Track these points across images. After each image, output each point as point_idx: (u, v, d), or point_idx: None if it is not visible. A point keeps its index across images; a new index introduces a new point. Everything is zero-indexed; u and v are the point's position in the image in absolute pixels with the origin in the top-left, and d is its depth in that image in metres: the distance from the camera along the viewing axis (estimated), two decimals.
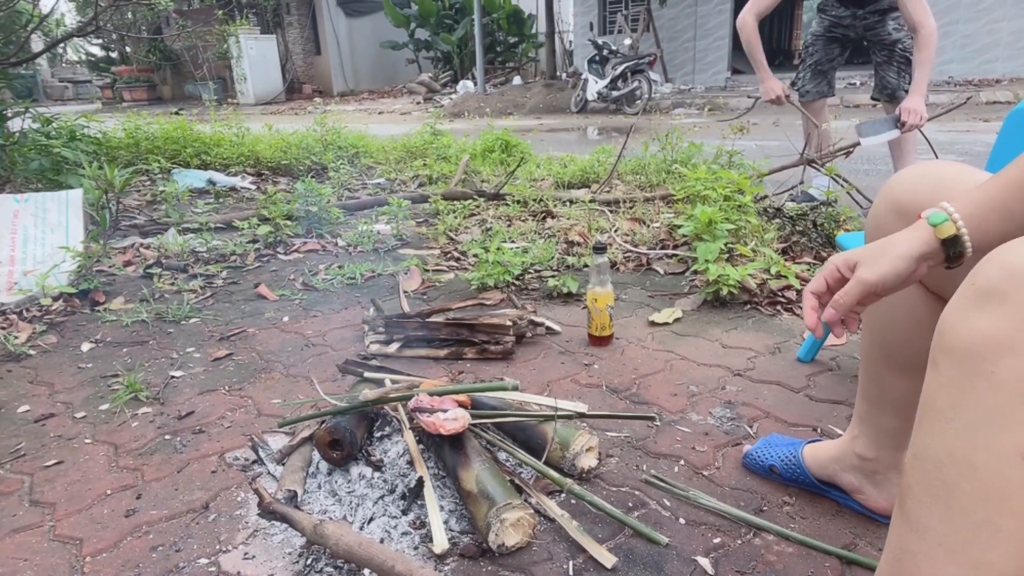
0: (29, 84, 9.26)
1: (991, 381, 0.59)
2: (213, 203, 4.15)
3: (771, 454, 1.27)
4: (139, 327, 2.23)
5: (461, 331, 1.90)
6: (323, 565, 1.08)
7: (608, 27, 14.68)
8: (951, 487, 0.62)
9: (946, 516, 0.63)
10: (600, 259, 1.87)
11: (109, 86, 20.19)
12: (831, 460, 1.17)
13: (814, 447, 1.22)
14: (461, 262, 2.83)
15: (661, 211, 3.31)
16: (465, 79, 15.05)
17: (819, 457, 1.20)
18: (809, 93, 3.32)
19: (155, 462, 1.43)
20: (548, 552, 1.10)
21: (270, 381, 1.80)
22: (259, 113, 13.12)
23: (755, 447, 1.31)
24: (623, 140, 4.09)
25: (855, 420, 1.14)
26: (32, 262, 2.60)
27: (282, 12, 18.84)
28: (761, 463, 1.27)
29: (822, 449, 1.21)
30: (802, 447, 1.24)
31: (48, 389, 1.81)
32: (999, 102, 8.33)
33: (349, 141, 5.48)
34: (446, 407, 1.27)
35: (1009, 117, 1.30)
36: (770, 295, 2.21)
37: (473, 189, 3.89)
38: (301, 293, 2.51)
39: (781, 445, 1.28)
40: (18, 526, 1.24)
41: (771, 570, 1.04)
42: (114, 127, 5.58)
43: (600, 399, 1.62)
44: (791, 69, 16.13)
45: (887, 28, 2.99)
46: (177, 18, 16.13)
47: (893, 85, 3.08)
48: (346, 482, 1.29)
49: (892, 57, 3.04)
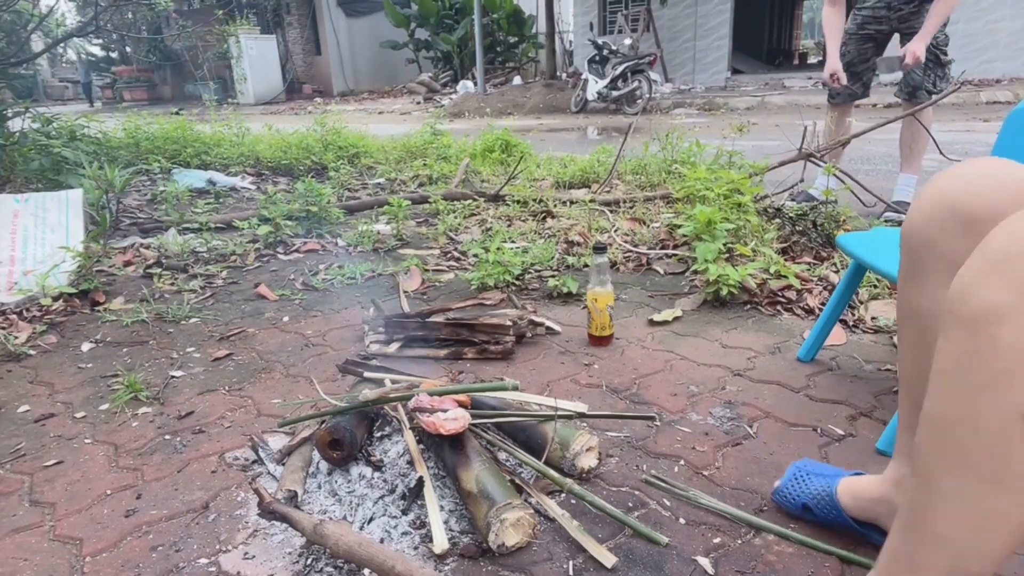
0: (29, 84, 9.27)
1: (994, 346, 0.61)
2: (213, 203, 4.15)
3: (804, 491, 1.15)
4: (139, 327, 2.23)
5: (461, 331, 1.90)
6: (323, 565, 1.08)
7: (608, 27, 14.69)
8: (958, 446, 0.66)
9: (955, 472, 0.67)
10: (600, 259, 1.87)
11: (109, 86, 20.20)
12: (874, 503, 1.06)
13: (850, 484, 1.11)
14: (461, 262, 2.83)
15: (661, 211, 3.31)
16: (465, 79, 15.05)
17: (860, 498, 1.08)
18: (840, 96, 3.20)
19: (155, 462, 1.43)
20: (548, 552, 1.10)
21: (270, 381, 1.80)
22: (259, 113, 13.12)
23: (785, 481, 1.19)
24: (623, 140, 4.09)
25: (898, 457, 1.03)
26: (32, 262, 2.60)
27: (282, 12, 18.84)
28: (794, 501, 1.16)
29: (862, 488, 1.09)
30: (836, 484, 1.12)
31: (48, 389, 1.81)
32: (999, 102, 8.32)
33: (349, 141, 5.47)
34: (446, 407, 1.27)
35: (1009, 117, 1.30)
36: (770, 295, 2.21)
37: (473, 189, 3.89)
38: (301, 293, 2.51)
39: (814, 477, 1.16)
40: (18, 526, 1.24)
41: (771, 570, 1.04)
42: (114, 127, 5.58)
43: (600, 399, 1.62)
44: (791, 69, 16.15)
45: (923, 21, 2.88)
46: (177, 18, 16.12)
47: (917, 82, 2.96)
48: (346, 482, 1.29)
49: None
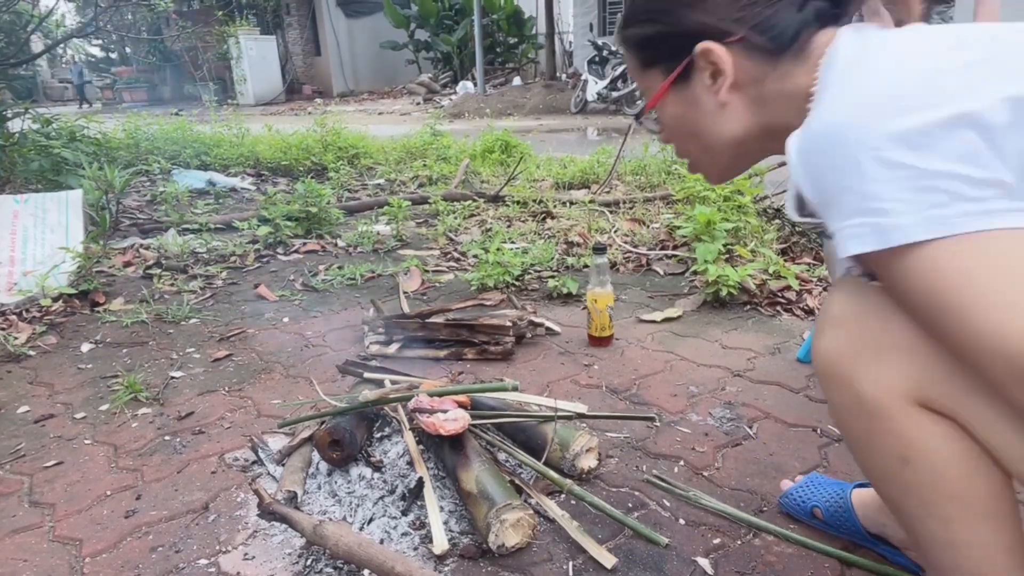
0: (29, 85, 9.25)
1: (857, 394, 0.70)
2: (213, 203, 4.15)
3: (814, 495, 1.11)
4: (139, 328, 2.23)
5: (461, 332, 1.90)
6: (323, 566, 1.08)
7: (608, 28, 14.69)
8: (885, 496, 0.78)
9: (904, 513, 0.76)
10: (600, 260, 1.87)
11: (109, 87, 20.21)
12: (883, 512, 1.02)
13: (863, 493, 1.07)
14: (461, 263, 2.83)
15: (661, 212, 3.31)
16: (465, 80, 15.05)
17: (869, 506, 1.05)
18: None
19: (155, 463, 1.43)
20: (548, 552, 1.10)
21: (270, 382, 1.80)
22: (259, 114, 13.12)
23: (796, 486, 1.16)
24: (622, 141, 4.09)
25: None
26: (32, 263, 2.60)
27: (282, 13, 18.85)
28: (802, 505, 1.13)
29: (872, 496, 1.05)
30: (850, 491, 1.08)
31: (48, 390, 1.81)
32: None
33: (349, 142, 5.48)
34: (446, 407, 1.27)
35: None
36: (770, 296, 2.21)
37: (473, 190, 3.89)
38: (301, 294, 2.51)
39: (826, 485, 1.12)
40: (18, 526, 1.24)
41: (771, 571, 1.04)
42: (114, 128, 5.58)
43: (600, 400, 1.62)
44: None
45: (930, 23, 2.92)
46: (177, 19, 16.12)
47: None
48: (346, 483, 1.29)
49: None
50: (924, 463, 0.68)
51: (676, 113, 0.82)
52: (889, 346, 0.67)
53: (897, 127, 0.57)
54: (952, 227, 0.56)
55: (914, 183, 0.56)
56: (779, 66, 0.73)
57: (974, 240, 0.55)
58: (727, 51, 0.73)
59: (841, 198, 0.61)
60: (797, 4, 0.72)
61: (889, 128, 0.58)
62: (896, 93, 0.60)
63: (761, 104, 0.75)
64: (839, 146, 0.60)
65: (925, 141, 0.56)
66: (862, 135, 0.59)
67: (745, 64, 0.74)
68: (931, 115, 0.57)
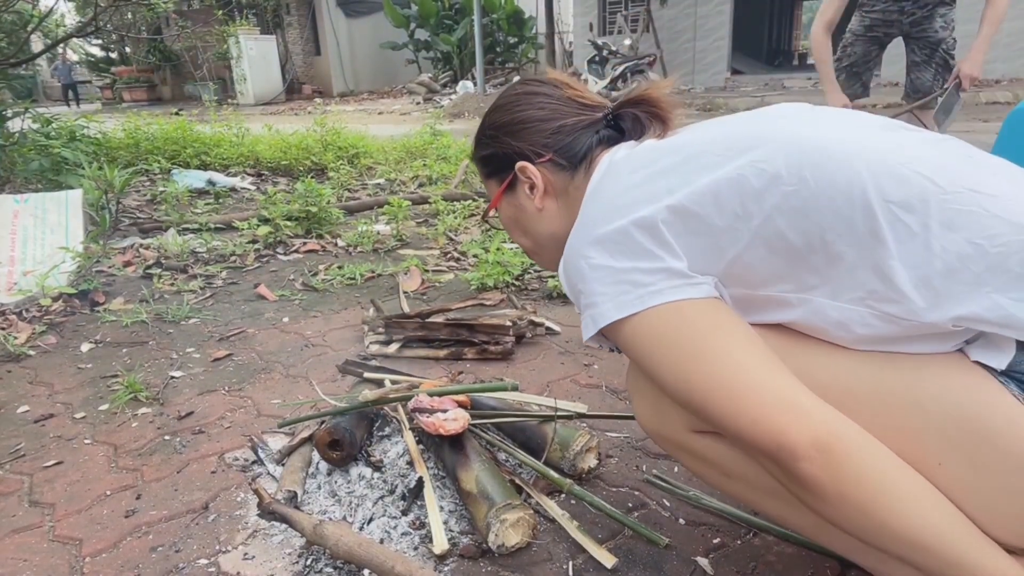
0: (29, 84, 9.25)
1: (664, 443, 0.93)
2: (213, 203, 4.15)
3: None
4: (139, 327, 2.23)
5: (461, 331, 1.90)
6: (323, 566, 1.08)
7: (608, 27, 14.69)
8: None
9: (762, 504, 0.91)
10: None
11: (109, 86, 20.18)
12: None
13: None
14: (461, 262, 2.83)
15: None
16: (465, 79, 15.05)
17: None
18: None
19: (155, 462, 1.43)
20: (548, 552, 1.10)
21: (270, 382, 1.80)
22: (259, 113, 13.11)
23: None
24: None
25: None
26: (32, 262, 2.60)
27: (282, 12, 18.83)
28: None
29: None
30: None
31: (48, 389, 1.81)
32: (999, 102, 8.32)
33: (349, 141, 5.47)
34: (446, 407, 1.27)
35: (1009, 117, 1.30)
36: None
37: (473, 190, 3.89)
38: (301, 293, 2.51)
39: None
40: (18, 526, 1.24)
41: (771, 571, 1.04)
42: (114, 127, 5.58)
43: (600, 399, 1.62)
44: (791, 69, 16.14)
45: (934, 26, 2.81)
46: (177, 18, 16.12)
47: (927, 88, 2.90)
48: (346, 482, 1.29)
49: (932, 57, 2.86)
50: (730, 467, 0.87)
51: (510, 214, 1.02)
52: (666, 402, 0.87)
53: (598, 235, 0.77)
54: (633, 307, 0.75)
55: (611, 278, 0.76)
56: (575, 179, 0.94)
57: (649, 314, 0.75)
58: (538, 169, 0.94)
59: (577, 299, 0.82)
60: (592, 131, 0.94)
61: (593, 236, 0.78)
62: (602, 209, 0.80)
63: (568, 208, 0.95)
64: (571, 259, 0.81)
65: (615, 246, 0.76)
66: (581, 247, 0.79)
67: (552, 178, 0.95)
68: (618, 223, 0.76)
